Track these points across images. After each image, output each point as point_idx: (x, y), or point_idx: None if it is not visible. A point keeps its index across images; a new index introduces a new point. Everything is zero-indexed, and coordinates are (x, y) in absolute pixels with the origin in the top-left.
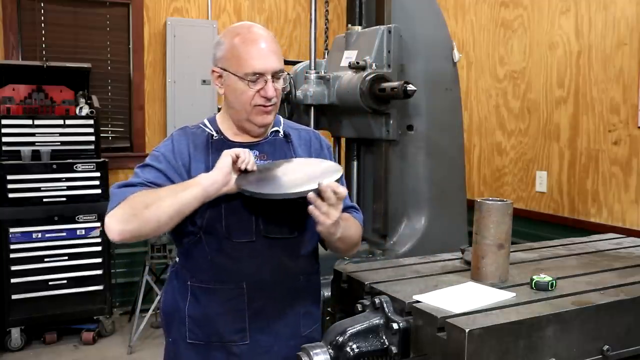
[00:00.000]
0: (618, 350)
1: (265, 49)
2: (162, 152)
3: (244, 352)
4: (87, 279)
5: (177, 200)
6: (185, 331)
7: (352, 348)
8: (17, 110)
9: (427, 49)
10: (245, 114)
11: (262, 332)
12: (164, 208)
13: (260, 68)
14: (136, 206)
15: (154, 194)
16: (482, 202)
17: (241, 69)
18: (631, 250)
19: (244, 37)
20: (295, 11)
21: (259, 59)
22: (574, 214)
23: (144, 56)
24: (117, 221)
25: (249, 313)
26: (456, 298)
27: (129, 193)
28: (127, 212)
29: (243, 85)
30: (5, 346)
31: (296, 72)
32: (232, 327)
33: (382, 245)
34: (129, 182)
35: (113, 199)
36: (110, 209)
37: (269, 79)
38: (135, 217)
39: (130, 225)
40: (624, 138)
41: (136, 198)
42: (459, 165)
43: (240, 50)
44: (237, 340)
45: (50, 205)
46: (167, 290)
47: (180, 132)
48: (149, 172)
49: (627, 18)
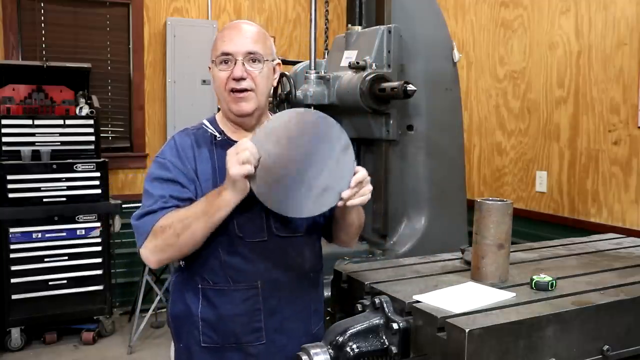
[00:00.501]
0: (618, 350)
1: (239, 33)
2: (168, 159)
3: (260, 352)
4: (87, 279)
5: (209, 225)
6: (198, 335)
7: (352, 348)
8: (17, 110)
9: (427, 49)
10: (225, 103)
11: (277, 331)
12: (196, 234)
13: (229, 49)
14: (168, 236)
15: (181, 220)
16: (482, 202)
17: (215, 52)
18: (631, 250)
19: (226, 26)
20: (295, 11)
21: (230, 41)
22: (574, 214)
23: (144, 56)
24: (152, 253)
25: (264, 313)
26: (456, 298)
27: (153, 222)
28: (160, 244)
29: (217, 70)
30: (5, 346)
31: (296, 72)
32: (248, 327)
33: (382, 245)
34: (148, 210)
35: (139, 232)
36: (141, 243)
37: (238, 60)
38: (171, 246)
39: (167, 254)
40: (624, 138)
41: (165, 229)
42: (459, 165)
43: (218, 37)
44: (253, 341)
45: (50, 205)
46: (175, 296)
47: (183, 134)
48: (162, 188)
49: (627, 18)
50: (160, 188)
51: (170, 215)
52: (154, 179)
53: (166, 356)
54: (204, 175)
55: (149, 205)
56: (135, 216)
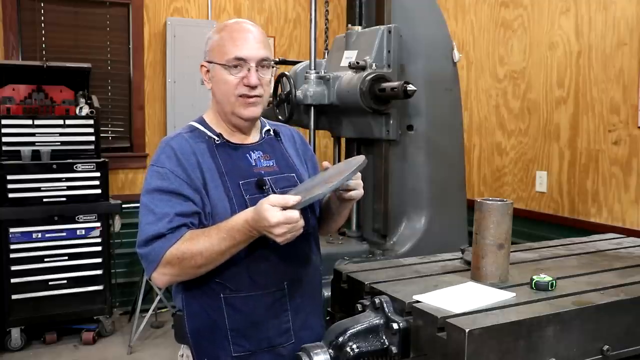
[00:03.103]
0: (618, 350)
1: (249, 37)
2: (168, 168)
3: (290, 353)
4: (87, 279)
5: (235, 249)
6: (229, 346)
7: (352, 348)
8: (17, 110)
9: (427, 49)
10: (229, 106)
11: (302, 328)
12: (217, 264)
13: (243, 54)
14: (184, 267)
15: (200, 252)
16: (482, 202)
17: (225, 56)
18: (631, 250)
19: (230, 27)
20: (295, 11)
21: (242, 45)
22: (574, 214)
23: (144, 56)
24: (169, 279)
25: (291, 313)
26: (456, 298)
27: (164, 249)
28: (174, 272)
29: (226, 74)
30: (5, 346)
31: (296, 72)
32: (279, 329)
33: (382, 245)
34: (154, 234)
35: (149, 260)
36: (151, 269)
37: (252, 67)
38: (186, 274)
39: (182, 278)
40: (624, 138)
41: (183, 260)
42: (459, 165)
43: (225, 39)
44: (284, 342)
45: (50, 205)
46: (191, 311)
47: (179, 140)
48: (164, 203)
49: (627, 18)
50: (162, 203)
51: (185, 242)
52: (153, 191)
53: (166, 356)
54: (213, 183)
55: (152, 224)
56: (140, 242)
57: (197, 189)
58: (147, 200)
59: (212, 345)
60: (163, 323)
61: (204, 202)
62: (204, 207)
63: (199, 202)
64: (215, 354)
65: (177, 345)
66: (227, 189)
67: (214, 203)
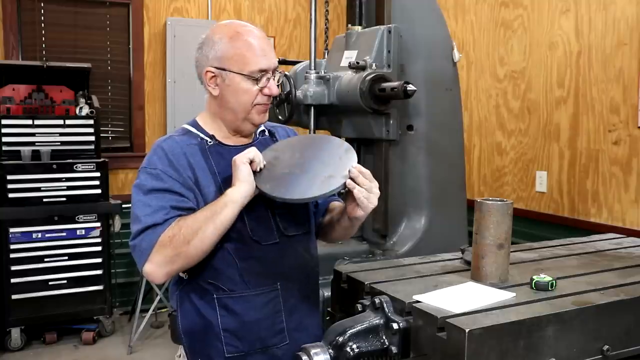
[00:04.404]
0: (618, 350)
1: (266, 46)
2: (160, 169)
3: (285, 354)
4: (87, 279)
5: (218, 225)
6: (222, 347)
7: (352, 348)
8: (17, 110)
9: (427, 49)
10: (243, 113)
11: (297, 329)
12: (207, 238)
13: (266, 65)
14: (176, 245)
15: (189, 226)
16: (482, 202)
17: (247, 67)
18: (631, 250)
19: (243, 34)
20: (295, 11)
21: (264, 56)
22: (574, 214)
23: (144, 56)
24: (160, 266)
25: (285, 313)
26: (456, 298)
27: (155, 236)
28: (168, 255)
29: (248, 84)
30: (5, 346)
31: (296, 72)
32: (272, 330)
33: (382, 245)
34: (147, 225)
35: (140, 249)
36: (143, 259)
37: (271, 77)
38: (179, 256)
39: (176, 265)
40: (624, 138)
41: (173, 238)
42: (459, 165)
43: (242, 49)
44: (278, 343)
45: (50, 205)
46: (184, 310)
47: (170, 142)
48: (159, 199)
49: (627, 18)
50: (157, 200)
51: (175, 225)
52: (148, 191)
53: (166, 356)
54: (205, 181)
55: (149, 216)
56: (133, 235)
57: (190, 188)
58: (143, 198)
59: (205, 346)
60: (163, 323)
61: (197, 199)
62: (198, 204)
63: (193, 200)
64: (208, 354)
65: (176, 345)
66: (220, 188)
67: (207, 201)
